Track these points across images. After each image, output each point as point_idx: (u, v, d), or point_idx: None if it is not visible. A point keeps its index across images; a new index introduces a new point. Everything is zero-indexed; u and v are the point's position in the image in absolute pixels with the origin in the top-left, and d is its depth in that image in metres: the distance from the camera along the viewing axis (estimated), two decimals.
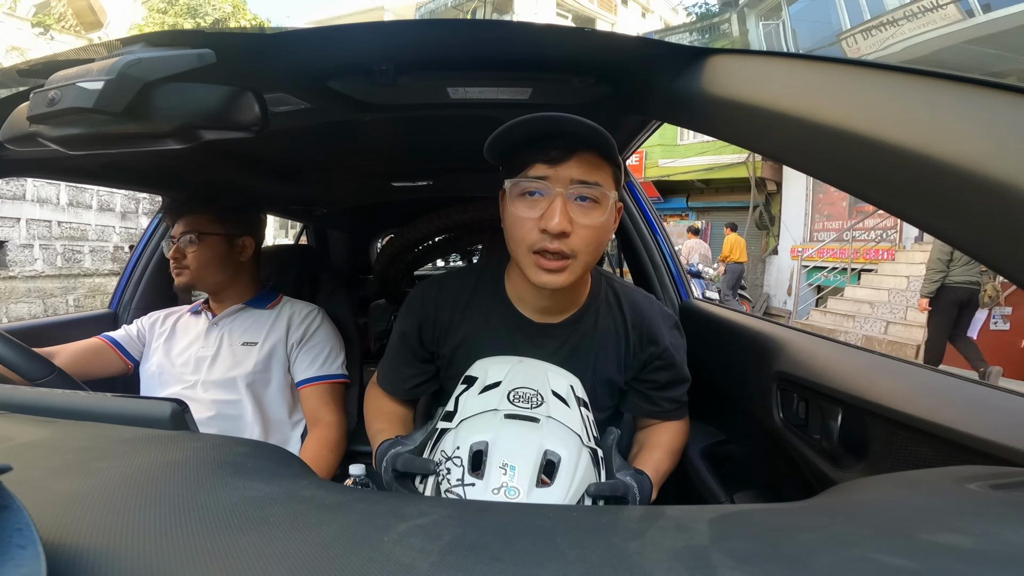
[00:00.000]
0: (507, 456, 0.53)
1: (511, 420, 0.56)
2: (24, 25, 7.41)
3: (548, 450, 0.54)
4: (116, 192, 6.28)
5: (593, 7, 16.35)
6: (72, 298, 5.87)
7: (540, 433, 0.55)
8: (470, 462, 0.54)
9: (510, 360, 0.67)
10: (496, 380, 0.63)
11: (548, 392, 0.61)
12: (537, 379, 0.63)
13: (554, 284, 0.67)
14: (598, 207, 0.67)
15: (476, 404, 0.60)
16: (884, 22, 5.43)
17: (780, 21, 7.37)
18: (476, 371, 0.67)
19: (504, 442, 0.54)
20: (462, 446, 0.55)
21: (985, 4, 4.56)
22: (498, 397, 0.60)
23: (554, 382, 0.63)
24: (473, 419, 0.58)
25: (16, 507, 0.21)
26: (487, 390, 0.62)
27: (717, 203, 10.72)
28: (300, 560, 0.23)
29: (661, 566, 0.22)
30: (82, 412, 0.47)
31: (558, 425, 0.57)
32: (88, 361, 1.11)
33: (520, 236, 0.67)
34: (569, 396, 0.63)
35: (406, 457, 0.61)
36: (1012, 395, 0.52)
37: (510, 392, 0.60)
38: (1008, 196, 0.27)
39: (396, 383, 0.87)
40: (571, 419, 0.59)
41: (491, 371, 0.65)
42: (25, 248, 5.44)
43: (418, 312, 0.84)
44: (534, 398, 0.59)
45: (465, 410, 0.60)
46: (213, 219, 1.14)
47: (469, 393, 0.63)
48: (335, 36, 0.55)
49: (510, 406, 0.58)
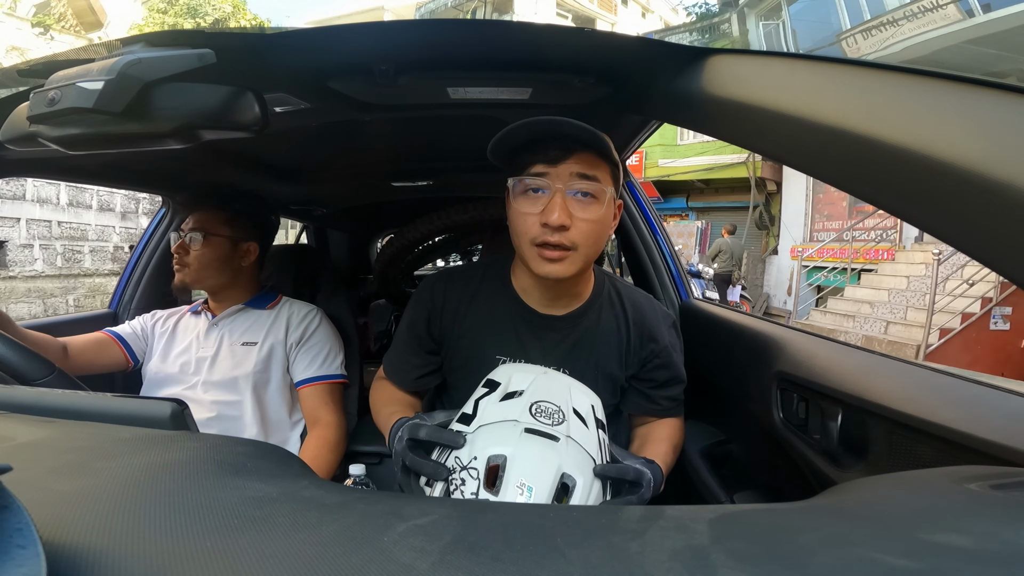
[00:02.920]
0: (525, 475, 0.52)
1: (531, 436, 0.55)
2: (24, 25, 7.41)
3: (565, 473, 0.53)
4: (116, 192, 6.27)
5: (593, 7, 16.36)
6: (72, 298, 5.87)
7: (559, 454, 0.54)
8: (486, 475, 0.53)
9: (535, 370, 0.66)
10: (519, 389, 0.61)
11: (570, 410, 0.59)
12: (560, 394, 0.61)
13: (556, 273, 0.71)
14: (596, 202, 0.71)
15: (496, 412, 0.59)
16: (884, 22, 5.44)
17: (780, 21, 7.38)
18: (500, 376, 0.65)
19: (523, 460, 0.53)
20: (479, 456, 0.54)
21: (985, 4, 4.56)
22: (520, 408, 0.58)
23: (576, 399, 0.62)
24: (492, 427, 0.57)
25: (16, 507, 0.21)
26: (508, 398, 0.60)
27: (717, 203, 10.73)
28: (300, 560, 0.23)
29: (661, 566, 0.22)
30: (82, 412, 0.47)
31: (577, 448, 0.56)
32: (96, 354, 1.11)
33: (523, 230, 0.71)
34: (589, 416, 0.61)
35: (432, 428, 0.59)
36: (1012, 395, 0.52)
37: (532, 405, 0.58)
38: (1008, 196, 0.27)
39: (402, 373, 0.88)
40: (589, 441, 0.58)
41: (515, 378, 0.63)
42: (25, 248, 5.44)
43: (427, 303, 0.85)
44: (556, 414, 0.58)
45: (485, 416, 0.59)
46: (223, 220, 1.14)
47: (490, 399, 0.61)
48: (335, 36, 0.55)
49: (531, 420, 0.56)
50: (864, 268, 7.51)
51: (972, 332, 5.53)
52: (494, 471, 0.53)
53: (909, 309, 6.03)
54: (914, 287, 6.25)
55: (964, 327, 5.48)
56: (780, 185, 9.63)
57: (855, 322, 6.41)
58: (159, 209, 1.53)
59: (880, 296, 6.63)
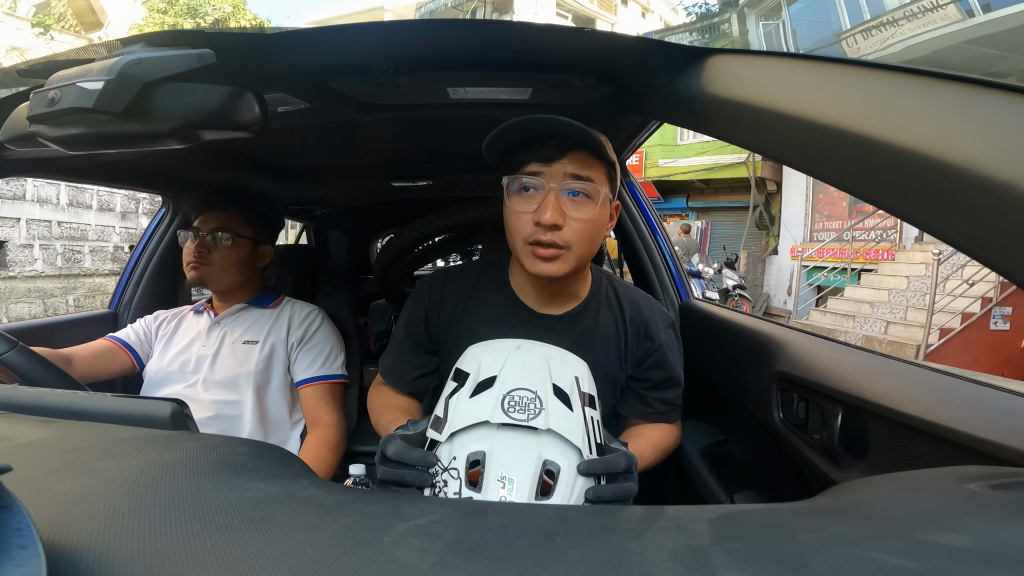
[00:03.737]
0: (505, 468, 0.51)
1: (507, 429, 0.53)
2: (24, 25, 7.41)
3: (547, 460, 0.52)
4: (116, 192, 6.29)
5: (593, 7, 16.36)
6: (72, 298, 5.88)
7: (539, 442, 0.52)
8: (467, 474, 0.51)
9: (506, 347, 0.60)
10: (490, 375, 0.56)
11: (548, 391, 0.55)
12: (536, 374, 0.56)
13: (548, 272, 0.71)
14: (590, 201, 0.70)
15: (467, 413, 0.54)
16: (884, 22, 5.44)
17: (780, 21, 7.38)
18: (467, 363, 0.60)
19: (502, 453, 0.51)
20: (459, 456, 0.53)
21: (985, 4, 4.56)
22: (492, 404, 0.54)
23: (557, 373, 0.57)
24: (464, 432, 0.54)
25: (16, 507, 0.21)
26: (479, 391, 0.56)
27: (717, 203, 10.74)
28: (300, 560, 0.23)
29: (661, 566, 0.22)
30: (82, 412, 0.47)
31: (555, 436, 0.53)
32: (106, 364, 1.12)
33: (517, 229, 0.71)
34: (573, 392, 0.56)
35: (399, 445, 0.56)
36: (1012, 395, 0.52)
37: (505, 397, 0.54)
38: (1008, 196, 0.27)
39: (400, 374, 0.87)
40: (573, 426, 0.54)
41: (485, 363, 0.58)
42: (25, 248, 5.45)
43: (425, 302, 0.85)
44: (532, 403, 0.53)
45: (456, 419, 0.54)
46: (245, 221, 1.14)
47: (460, 396, 0.57)
48: (335, 36, 0.55)
49: (504, 416, 0.52)
50: (864, 268, 7.51)
51: (972, 332, 5.53)
52: (475, 466, 0.52)
53: (909, 309, 6.03)
54: (914, 287, 6.25)
55: (964, 327, 5.48)
56: (780, 185, 9.63)
57: (855, 322, 6.41)
58: (159, 209, 1.53)
59: (880, 296, 6.63)
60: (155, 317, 1.23)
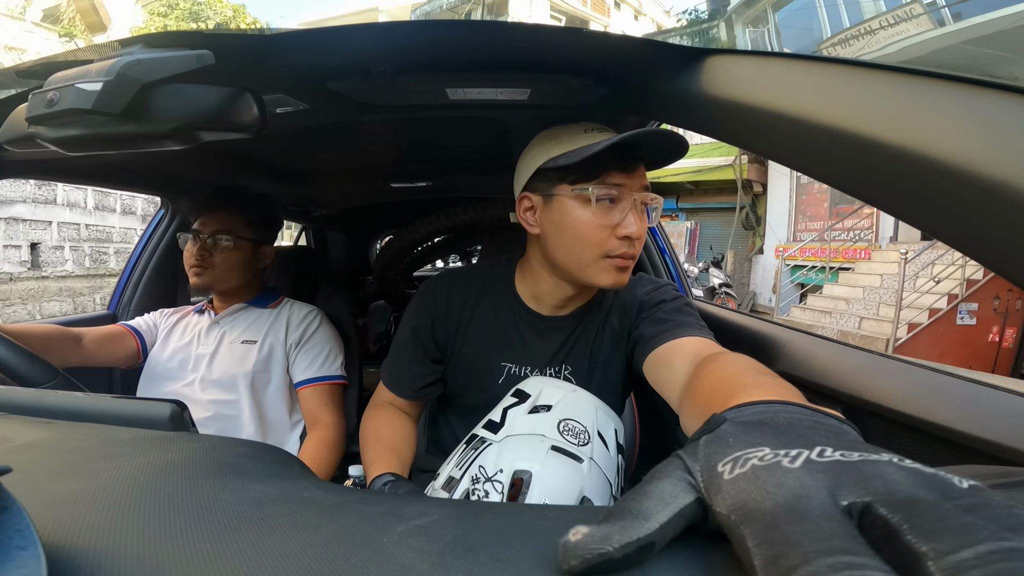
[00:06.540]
0: (549, 495, 0.52)
1: (557, 454, 0.55)
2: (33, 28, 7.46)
3: (586, 497, 0.53)
4: (137, 196, 6.47)
5: (586, 10, 16.40)
6: (99, 296, 6.07)
7: (582, 477, 0.54)
8: (509, 489, 0.53)
9: (565, 387, 0.65)
10: (548, 403, 0.61)
11: (595, 431, 0.60)
12: (587, 414, 0.61)
13: (622, 284, 0.71)
14: (653, 213, 0.73)
15: (526, 424, 0.59)
16: (861, 31, 5.54)
17: (766, 28, 7.48)
18: (530, 388, 0.65)
19: (548, 479, 0.53)
20: (505, 469, 0.54)
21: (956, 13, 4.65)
22: (549, 424, 0.58)
23: (602, 421, 0.62)
24: (520, 439, 0.57)
25: (16, 508, 0.21)
26: (537, 411, 0.61)
27: (706, 204, 10.90)
28: (300, 561, 0.23)
29: (661, 566, 0.22)
30: (81, 413, 0.47)
31: (598, 471, 0.56)
32: (114, 347, 1.11)
33: (596, 241, 0.68)
34: (611, 441, 0.61)
35: None
36: (1012, 395, 0.52)
37: (560, 422, 0.58)
38: (1007, 196, 0.27)
39: (404, 383, 0.85)
40: (609, 466, 0.58)
41: (545, 392, 0.63)
42: (57, 249, 5.64)
43: (431, 308, 0.82)
44: (582, 434, 0.58)
45: (513, 426, 0.59)
46: (246, 223, 1.15)
47: (519, 409, 0.61)
48: (334, 37, 0.55)
49: (559, 437, 0.57)
50: (842, 267, 7.78)
51: (940, 327, 5.78)
52: (516, 485, 0.53)
53: (881, 305, 6.26)
54: (887, 284, 6.50)
55: (932, 322, 5.75)
56: (766, 187, 9.80)
57: (831, 318, 6.67)
58: (158, 210, 1.53)
59: (856, 293, 6.91)
60: (160, 312, 1.23)
